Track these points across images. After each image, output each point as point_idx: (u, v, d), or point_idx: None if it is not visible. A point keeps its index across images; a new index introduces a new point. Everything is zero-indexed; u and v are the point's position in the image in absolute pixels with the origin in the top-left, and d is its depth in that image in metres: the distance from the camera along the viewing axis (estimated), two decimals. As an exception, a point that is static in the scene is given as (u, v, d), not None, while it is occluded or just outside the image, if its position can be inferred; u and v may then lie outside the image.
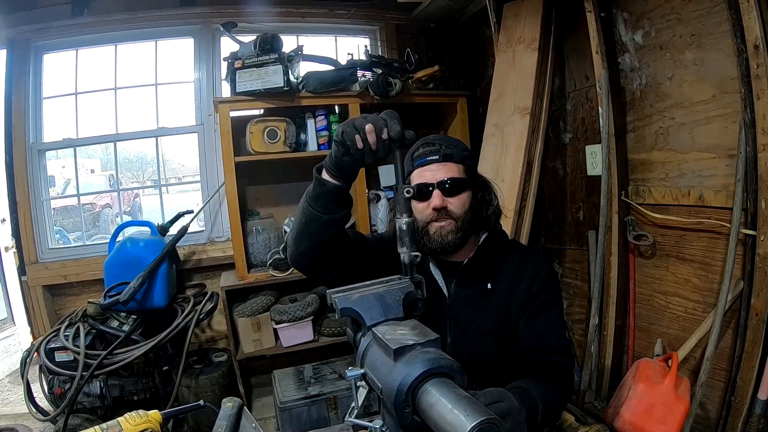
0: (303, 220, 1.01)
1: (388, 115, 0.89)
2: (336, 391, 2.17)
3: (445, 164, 1.15)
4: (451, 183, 1.13)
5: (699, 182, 1.82)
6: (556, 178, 2.54)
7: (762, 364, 1.58)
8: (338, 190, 0.98)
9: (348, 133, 0.88)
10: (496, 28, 2.50)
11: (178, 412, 1.08)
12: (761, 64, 1.49)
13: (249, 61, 2.36)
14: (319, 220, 0.98)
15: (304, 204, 1.01)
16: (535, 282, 1.17)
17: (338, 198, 0.99)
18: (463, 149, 1.21)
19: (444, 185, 1.13)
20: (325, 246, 1.04)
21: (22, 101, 2.66)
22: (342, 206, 1.00)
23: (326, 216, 0.98)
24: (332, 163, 0.96)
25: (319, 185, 0.98)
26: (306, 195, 1.01)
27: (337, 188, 0.97)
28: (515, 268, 1.20)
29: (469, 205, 1.16)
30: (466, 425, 0.54)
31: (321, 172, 0.99)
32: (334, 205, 0.99)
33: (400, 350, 0.66)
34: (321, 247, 1.04)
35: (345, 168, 0.95)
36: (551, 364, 1.10)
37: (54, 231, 2.91)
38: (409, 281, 0.83)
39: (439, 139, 1.20)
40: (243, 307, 2.50)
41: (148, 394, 2.26)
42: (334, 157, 0.94)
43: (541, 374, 1.07)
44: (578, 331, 2.43)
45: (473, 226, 1.17)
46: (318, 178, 0.98)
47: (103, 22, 2.70)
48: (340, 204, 1.00)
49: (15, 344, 3.40)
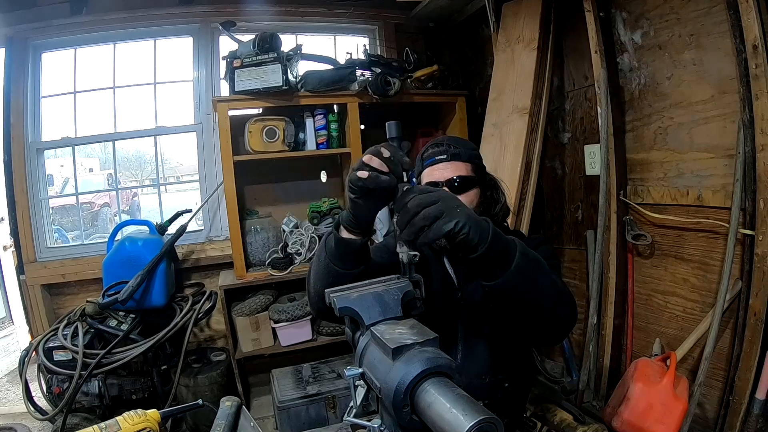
0: (330, 279, 0.98)
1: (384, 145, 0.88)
2: (334, 391, 2.18)
3: (453, 163, 1.18)
4: (459, 181, 1.16)
5: (698, 182, 1.82)
6: (554, 177, 2.54)
7: (760, 364, 1.59)
8: (360, 246, 0.96)
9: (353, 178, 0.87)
10: (495, 28, 2.51)
11: (177, 412, 1.08)
12: (760, 64, 1.49)
13: (248, 60, 2.36)
14: (348, 277, 0.96)
15: (328, 264, 0.98)
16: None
17: (360, 254, 0.97)
18: (471, 149, 1.24)
19: (452, 183, 1.16)
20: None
21: (21, 100, 2.66)
22: (364, 261, 0.99)
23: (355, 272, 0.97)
24: (349, 215, 0.94)
25: (342, 245, 0.96)
26: (327, 255, 0.98)
27: (360, 243, 0.96)
28: None
29: (477, 203, 1.19)
30: (464, 424, 0.54)
31: (339, 230, 0.97)
32: (357, 262, 0.98)
33: (399, 349, 0.66)
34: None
35: (364, 218, 0.94)
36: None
37: (52, 230, 2.91)
38: (408, 281, 0.83)
39: (447, 140, 1.23)
40: (242, 306, 2.50)
41: (146, 394, 2.26)
42: (352, 210, 0.93)
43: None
44: (577, 331, 2.43)
45: None
46: (339, 238, 0.96)
47: (102, 20, 2.70)
48: (361, 260, 0.98)
49: (13, 343, 3.40)
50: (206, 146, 2.88)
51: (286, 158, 2.62)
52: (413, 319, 0.78)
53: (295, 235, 2.64)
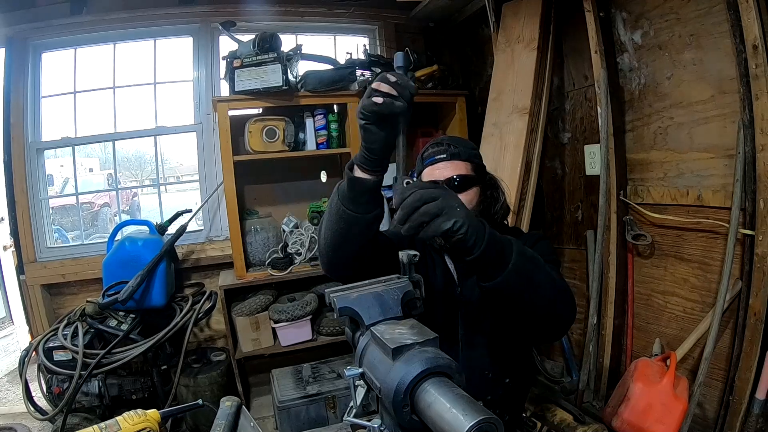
0: (342, 225, 0.97)
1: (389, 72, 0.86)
2: (334, 391, 2.18)
3: (453, 162, 1.18)
4: (459, 180, 1.16)
5: (698, 182, 1.82)
6: (554, 177, 2.54)
7: (760, 364, 1.59)
8: (374, 186, 0.95)
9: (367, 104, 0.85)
10: (495, 28, 2.51)
11: (177, 412, 1.07)
12: (760, 64, 1.49)
13: (248, 60, 2.36)
14: (361, 221, 0.95)
15: (341, 209, 0.96)
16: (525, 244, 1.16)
17: (375, 194, 0.96)
18: (471, 148, 1.24)
19: (452, 182, 1.16)
20: (368, 248, 1.01)
21: (21, 100, 2.66)
22: (379, 204, 0.97)
23: (368, 216, 0.95)
24: (362, 151, 0.93)
25: (356, 184, 0.94)
26: (340, 199, 0.96)
27: (373, 184, 0.94)
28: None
29: (477, 202, 1.20)
30: (464, 424, 0.54)
31: (353, 170, 0.96)
32: (373, 204, 0.96)
33: (399, 349, 0.66)
34: (367, 247, 1.01)
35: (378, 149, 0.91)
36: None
37: (52, 230, 2.91)
38: (408, 281, 0.83)
39: (447, 140, 1.23)
40: (241, 306, 2.50)
41: (146, 394, 2.26)
42: (365, 144, 0.91)
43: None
44: (577, 331, 2.43)
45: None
46: (352, 178, 0.94)
47: (102, 20, 2.70)
48: (377, 201, 0.97)
49: (13, 343, 3.40)
50: (206, 146, 2.87)
51: (286, 158, 2.62)
52: (413, 319, 0.78)
53: (295, 235, 2.64)
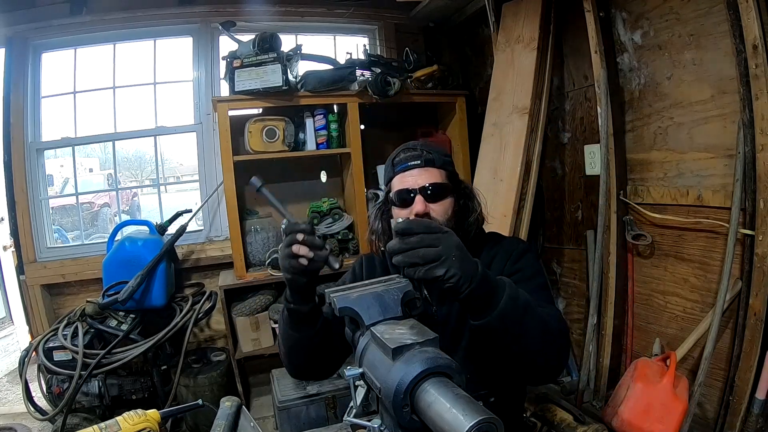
0: (290, 343, 1.10)
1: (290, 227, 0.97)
2: (334, 391, 2.17)
3: (427, 169, 1.12)
4: (433, 189, 1.10)
5: (697, 182, 1.82)
6: (554, 177, 2.54)
7: (760, 364, 1.59)
8: (309, 311, 1.04)
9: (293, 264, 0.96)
10: (495, 28, 2.51)
11: (177, 412, 1.07)
12: (760, 64, 1.49)
13: (248, 60, 2.36)
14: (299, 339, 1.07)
15: (288, 333, 1.08)
16: (509, 259, 1.15)
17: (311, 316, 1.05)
18: (444, 154, 1.18)
19: (426, 191, 1.10)
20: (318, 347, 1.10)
21: (21, 100, 2.65)
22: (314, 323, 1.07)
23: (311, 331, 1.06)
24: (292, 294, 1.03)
25: (296, 315, 1.04)
26: (286, 328, 1.08)
27: (311, 308, 1.04)
28: (490, 253, 1.18)
29: (452, 212, 1.14)
30: (464, 424, 0.54)
31: (290, 306, 1.05)
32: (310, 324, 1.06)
33: (399, 349, 0.66)
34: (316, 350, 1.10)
35: (306, 289, 1.01)
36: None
37: (52, 230, 2.91)
38: (408, 281, 0.83)
39: (420, 145, 1.16)
40: (242, 306, 2.49)
41: (146, 394, 2.26)
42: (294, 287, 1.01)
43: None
44: (576, 331, 2.43)
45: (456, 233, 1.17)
46: (291, 309, 1.04)
47: (102, 20, 2.70)
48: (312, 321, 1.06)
49: (13, 343, 3.40)
50: (206, 146, 2.87)
51: (286, 158, 2.62)
52: (413, 319, 0.78)
53: (295, 235, 2.63)
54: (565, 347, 0.98)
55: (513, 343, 0.87)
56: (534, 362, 0.92)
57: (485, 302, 0.83)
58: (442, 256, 0.77)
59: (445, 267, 0.77)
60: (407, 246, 0.78)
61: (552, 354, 0.94)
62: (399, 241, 0.79)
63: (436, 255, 0.77)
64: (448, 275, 0.77)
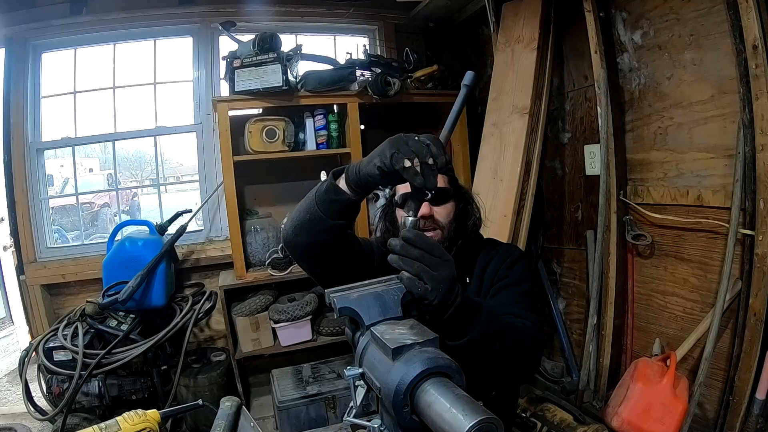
0: (307, 216, 0.98)
1: (433, 142, 0.85)
2: (334, 391, 2.18)
3: None
4: (437, 192, 1.15)
5: (697, 182, 1.82)
6: (554, 177, 2.54)
7: (760, 364, 1.59)
8: (352, 203, 0.95)
9: (397, 158, 0.82)
10: (495, 28, 2.51)
11: (177, 412, 1.07)
12: (760, 64, 1.49)
13: (248, 60, 2.36)
14: (323, 223, 0.96)
15: (312, 203, 0.97)
16: (503, 264, 1.20)
17: (349, 208, 0.96)
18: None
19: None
20: (322, 246, 1.03)
21: (21, 100, 2.65)
22: (349, 217, 0.98)
23: (331, 221, 0.96)
24: (357, 177, 0.90)
25: (334, 193, 0.93)
26: (316, 195, 0.97)
27: (352, 201, 0.94)
28: (487, 257, 1.24)
29: (453, 215, 1.20)
30: (464, 424, 0.54)
31: (337, 179, 0.95)
32: (343, 214, 0.96)
33: (399, 349, 0.66)
34: (317, 246, 1.04)
35: (371, 186, 0.91)
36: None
37: (52, 230, 2.91)
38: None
39: None
40: (241, 306, 2.49)
41: (146, 394, 2.26)
42: (365, 174, 0.88)
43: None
44: (576, 331, 2.43)
45: (457, 236, 1.20)
46: (335, 186, 0.93)
47: (102, 20, 2.70)
48: (348, 214, 0.97)
49: (13, 343, 3.40)
50: (206, 146, 2.87)
51: (286, 158, 2.62)
52: (413, 319, 0.78)
53: (295, 235, 2.63)
54: (538, 350, 1.04)
55: (486, 361, 0.91)
56: (507, 373, 0.97)
57: (459, 329, 0.86)
58: (433, 280, 0.78)
59: (428, 287, 0.78)
60: (406, 254, 0.79)
61: (525, 363, 0.99)
62: (401, 247, 0.80)
63: (429, 277, 0.78)
64: (429, 298, 0.78)
